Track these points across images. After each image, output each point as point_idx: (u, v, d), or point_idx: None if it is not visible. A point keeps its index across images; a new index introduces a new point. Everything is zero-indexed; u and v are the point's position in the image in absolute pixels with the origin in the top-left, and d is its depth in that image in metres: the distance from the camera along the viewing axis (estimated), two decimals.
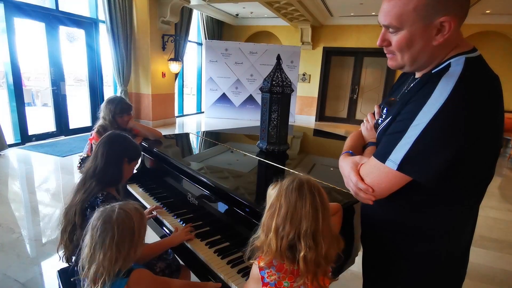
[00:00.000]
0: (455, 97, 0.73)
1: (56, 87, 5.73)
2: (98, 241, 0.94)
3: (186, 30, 7.96)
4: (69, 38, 8.00)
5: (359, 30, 8.70)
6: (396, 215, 0.94)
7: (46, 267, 2.19)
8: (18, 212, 2.98)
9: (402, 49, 0.83)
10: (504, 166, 5.78)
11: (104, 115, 2.19)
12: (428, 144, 0.75)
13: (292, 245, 0.86)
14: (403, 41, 0.81)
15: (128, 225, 0.97)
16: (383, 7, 0.83)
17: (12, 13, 4.87)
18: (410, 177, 0.79)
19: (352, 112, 9.59)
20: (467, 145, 0.75)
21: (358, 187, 0.87)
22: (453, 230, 0.91)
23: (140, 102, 7.16)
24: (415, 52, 0.82)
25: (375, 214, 1.00)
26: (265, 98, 1.85)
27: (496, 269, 2.43)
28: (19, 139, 5.19)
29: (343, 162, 0.97)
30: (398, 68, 0.90)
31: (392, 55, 0.88)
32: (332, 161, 2.19)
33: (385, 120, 0.93)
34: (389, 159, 0.79)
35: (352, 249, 1.24)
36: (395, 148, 0.78)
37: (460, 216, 0.90)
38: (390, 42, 0.85)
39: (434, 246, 0.92)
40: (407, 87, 0.95)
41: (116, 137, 1.44)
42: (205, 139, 2.54)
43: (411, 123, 0.76)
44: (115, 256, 0.93)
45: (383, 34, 0.86)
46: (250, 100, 9.05)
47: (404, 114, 0.81)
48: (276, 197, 0.89)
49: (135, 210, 1.02)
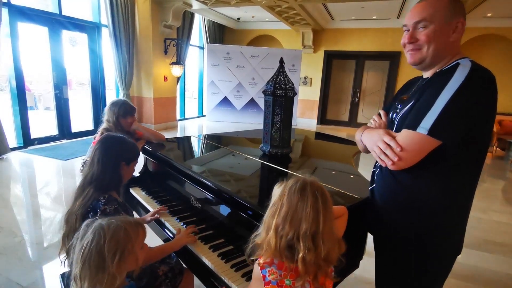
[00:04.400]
0: (472, 77, 0.92)
1: (59, 90, 5.76)
2: (88, 255, 0.90)
3: (188, 34, 8.00)
4: (72, 42, 8.05)
5: (360, 33, 8.73)
6: (418, 192, 1.05)
7: (48, 271, 2.18)
8: (20, 215, 2.98)
9: (431, 41, 1.01)
10: (507, 169, 5.75)
11: (107, 118, 2.19)
12: (453, 112, 0.91)
13: (291, 245, 0.86)
14: (432, 33, 1.00)
15: (123, 240, 0.94)
16: (416, 8, 1.04)
17: (16, 18, 4.91)
18: (439, 141, 0.94)
19: (353, 115, 9.58)
20: (482, 113, 0.93)
21: (390, 145, 0.99)
22: (463, 209, 1.06)
23: (142, 106, 7.18)
24: (439, 44, 1.01)
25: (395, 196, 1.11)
26: (268, 101, 1.85)
27: (501, 273, 2.41)
28: (22, 142, 5.21)
29: (370, 131, 1.13)
30: (419, 62, 1.06)
31: (416, 50, 1.05)
32: (334, 164, 2.18)
33: (401, 110, 1.09)
34: (420, 126, 0.94)
35: (359, 251, 1.23)
36: (424, 118, 0.94)
37: (469, 195, 1.06)
38: (417, 38, 1.04)
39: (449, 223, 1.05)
40: (416, 87, 1.12)
41: (110, 140, 1.40)
42: (207, 142, 2.54)
43: (436, 99, 0.93)
44: (112, 273, 0.90)
45: (412, 33, 1.05)
46: (251, 104, 9.07)
47: (426, 96, 0.98)
48: (279, 196, 0.90)
49: (134, 225, 0.99)
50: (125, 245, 0.94)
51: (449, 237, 1.08)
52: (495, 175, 5.36)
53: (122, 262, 0.93)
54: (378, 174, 1.20)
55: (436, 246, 1.07)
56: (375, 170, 1.23)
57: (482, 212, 3.60)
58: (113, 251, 0.91)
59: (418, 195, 1.05)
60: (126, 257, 0.94)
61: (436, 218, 1.04)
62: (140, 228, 1.02)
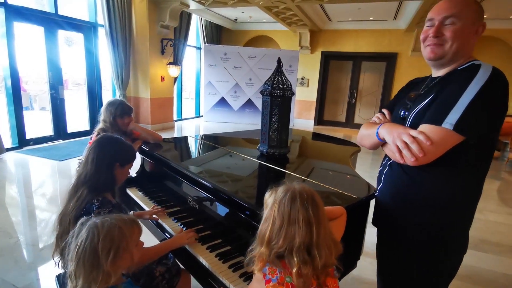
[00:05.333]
0: (495, 77, 0.95)
1: (54, 91, 5.72)
2: (83, 254, 0.90)
3: (185, 35, 7.99)
4: (68, 42, 8.01)
5: (357, 34, 8.76)
6: (431, 188, 1.05)
7: (44, 272, 2.16)
8: (15, 216, 2.95)
9: (456, 37, 1.02)
10: (502, 169, 5.80)
11: (104, 118, 2.18)
12: (478, 108, 0.93)
13: (280, 256, 0.87)
14: (459, 31, 1.02)
15: (118, 238, 0.94)
16: (446, 3, 1.04)
17: (12, 17, 4.87)
18: (462, 137, 0.95)
19: (350, 116, 9.61)
20: (500, 112, 0.97)
21: (416, 138, 0.97)
22: (472, 206, 1.09)
23: (139, 106, 7.15)
24: (462, 42, 1.02)
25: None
26: (265, 101, 1.85)
27: (497, 273, 2.42)
28: (17, 143, 5.16)
29: (390, 125, 1.10)
30: (439, 57, 1.06)
31: (439, 45, 1.05)
32: (332, 165, 2.18)
33: (416, 107, 1.09)
34: (445, 121, 0.95)
35: (357, 252, 1.23)
36: (449, 113, 0.95)
37: (479, 192, 1.08)
38: (443, 33, 1.04)
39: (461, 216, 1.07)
40: (427, 85, 1.13)
41: (106, 141, 1.38)
42: (205, 143, 2.53)
43: (461, 95, 0.94)
44: (107, 271, 0.90)
45: (438, 27, 1.04)
46: (249, 104, 9.06)
47: (449, 92, 0.99)
48: (270, 209, 0.90)
49: (129, 223, 0.99)
50: (120, 243, 0.94)
51: (461, 235, 1.09)
52: (491, 175, 5.38)
53: (117, 259, 0.93)
54: (387, 172, 1.19)
55: (449, 244, 1.07)
56: (383, 169, 1.22)
57: (478, 212, 3.61)
58: (107, 249, 0.91)
59: (432, 192, 1.05)
60: (121, 254, 0.94)
61: (449, 215, 1.05)
62: (135, 225, 1.02)
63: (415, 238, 1.10)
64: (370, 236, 1.44)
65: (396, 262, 1.17)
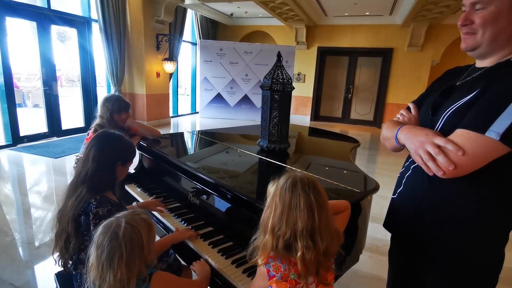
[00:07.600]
0: None
1: (48, 87, 5.63)
2: (105, 262, 0.86)
3: (180, 30, 7.90)
4: (61, 37, 7.88)
5: (354, 30, 8.74)
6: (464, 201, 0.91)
7: (41, 271, 2.13)
8: (10, 215, 2.91)
9: (487, 24, 0.87)
10: None
11: (101, 114, 2.14)
12: None
13: (288, 245, 0.86)
14: (490, 16, 0.86)
15: (136, 241, 0.89)
16: None
17: (4, 12, 4.77)
18: (509, 148, 0.78)
19: (346, 111, 9.63)
20: None
21: (443, 148, 0.83)
22: (505, 226, 0.92)
23: (134, 103, 7.08)
24: (497, 30, 0.86)
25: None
26: (265, 95, 1.83)
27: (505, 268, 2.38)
28: (10, 140, 5.08)
29: (411, 129, 0.94)
30: (472, 48, 0.92)
31: (470, 34, 0.91)
32: (333, 160, 2.18)
33: (452, 104, 0.92)
34: (491, 129, 0.78)
35: (359, 245, 1.22)
36: (496, 120, 0.78)
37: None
38: (473, 21, 0.89)
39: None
40: (470, 77, 0.96)
41: (108, 138, 1.33)
42: (204, 138, 2.51)
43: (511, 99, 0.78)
44: (127, 276, 0.86)
45: (467, 14, 0.90)
46: (245, 100, 9.02)
47: (496, 93, 0.82)
48: (272, 197, 0.90)
49: (143, 222, 0.94)
50: (149, 240, 0.94)
51: (488, 252, 0.93)
52: None
53: (151, 252, 0.94)
54: (409, 177, 1.05)
55: (473, 260, 0.94)
56: (405, 171, 1.07)
57: None
58: (145, 244, 0.92)
59: (461, 208, 0.91)
60: (152, 247, 0.96)
61: (478, 234, 0.91)
62: (151, 225, 0.99)
63: (435, 252, 0.97)
64: (368, 231, 1.44)
65: (413, 273, 1.07)
